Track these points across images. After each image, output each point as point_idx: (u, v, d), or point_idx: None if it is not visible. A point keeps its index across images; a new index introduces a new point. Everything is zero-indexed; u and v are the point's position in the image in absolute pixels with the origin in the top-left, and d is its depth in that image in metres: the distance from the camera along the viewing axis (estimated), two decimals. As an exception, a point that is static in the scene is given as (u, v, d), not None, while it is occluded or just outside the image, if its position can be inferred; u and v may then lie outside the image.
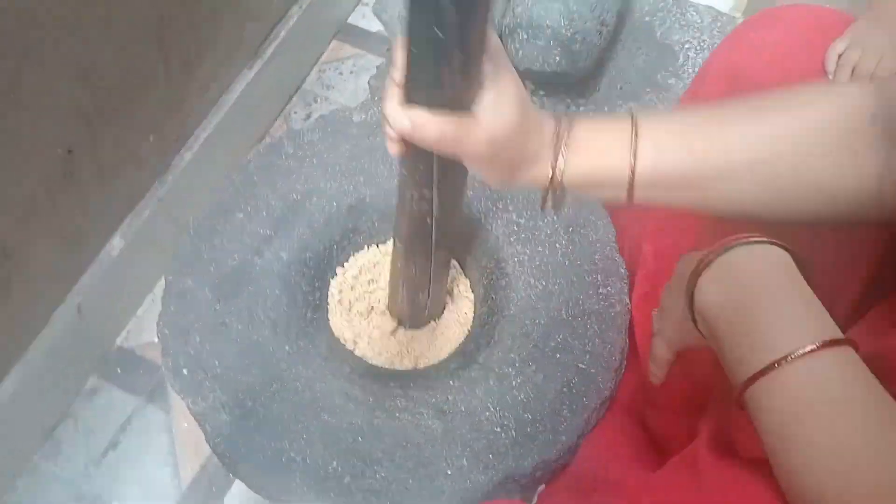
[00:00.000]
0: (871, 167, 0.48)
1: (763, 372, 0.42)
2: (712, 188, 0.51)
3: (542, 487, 0.72)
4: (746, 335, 0.45)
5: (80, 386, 0.97)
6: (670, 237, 0.71)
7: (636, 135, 0.50)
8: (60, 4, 0.73)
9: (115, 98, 0.85)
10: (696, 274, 0.49)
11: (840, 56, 0.65)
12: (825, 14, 0.68)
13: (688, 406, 0.67)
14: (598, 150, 0.51)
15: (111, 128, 0.87)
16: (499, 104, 0.47)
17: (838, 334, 0.43)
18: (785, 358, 0.42)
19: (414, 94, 0.47)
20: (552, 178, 0.51)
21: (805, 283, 0.46)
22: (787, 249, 0.47)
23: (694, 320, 0.50)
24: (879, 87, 0.48)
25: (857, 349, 0.43)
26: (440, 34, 0.42)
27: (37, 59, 0.73)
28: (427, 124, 0.47)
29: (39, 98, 0.75)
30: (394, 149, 0.52)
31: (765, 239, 0.47)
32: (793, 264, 0.47)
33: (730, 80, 0.67)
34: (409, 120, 0.47)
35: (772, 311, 0.44)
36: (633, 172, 0.50)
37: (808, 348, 0.41)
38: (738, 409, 0.45)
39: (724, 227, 0.51)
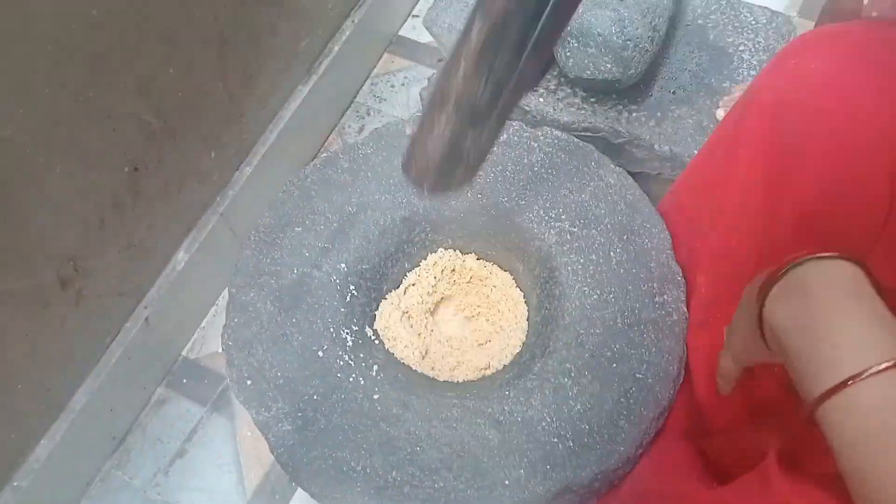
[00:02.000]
0: None
1: (835, 389, 0.42)
2: None
3: None
4: (818, 351, 0.44)
5: (148, 396, 1.00)
6: (724, 267, 0.70)
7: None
8: (125, 19, 0.76)
9: (178, 114, 0.88)
10: (767, 288, 0.48)
11: None
12: (875, 38, 0.63)
13: (748, 427, 0.66)
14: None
15: (175, 144, 0.90)
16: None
17: None
18: (858, 375, 0.41)
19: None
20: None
21: (878, 297, 0.45)
22: (858, 264, 0.46)
23: (763, 336, 0.50)
24: None
25: None
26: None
27: (102, 75, 0.76)
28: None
29: (105, 114, 0.78)
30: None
31: (836, 254, 0.47)
32: (864, 279, 0.46)
33: (775, 113, 0.64)
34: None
35: (844, 327, 0.44)
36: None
37: (883, 366, 0.41)
38: (808, 426, 0.44)
39: (778, 256, 0.51)
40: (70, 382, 0.89)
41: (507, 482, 0.65)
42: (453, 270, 0.84)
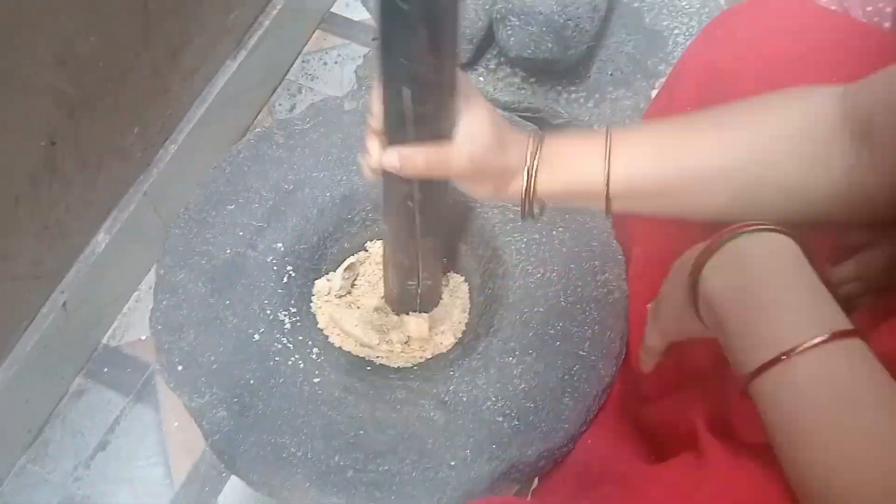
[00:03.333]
0: (841, 169, 0.48)
1: (770, 364, 0.42)
2: (685, 197, 0.53)
3: (535, 484, 0.71)
4: (752, 325, 0.44)
5: (66, 386, 0.95)
6: (657, 239, 0.71)
7: (609, 147, 0.53)
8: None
9: (99, 87, 0.83)
10: (701, 261, 0.48)
11: None
12: (802, 7, 0.67)
13: (680, 395, 0.66)
14: (572, 164, 0.55)
15: (95, 118, 0.85)
16: (474, 127, 0.53)
17: (847, 325, 0.42)
18: (793, 350, 0.41)
19: (395, 135, 0.54)
20: (527, 190, 0.55)
21: (812, 271, 0.45)
22: (792, 237, 0.46)
23: (696, 308, 0.49)
24: (846, 92, 0.49)
25: (865, 340, 0.42)
26: (412, 76, 0.48)
27: (14, 43, 0.70)
28: (415, 156, 0.53)
29: (19, 85, 0.73)
30: (373, 177, 0.58)
31: (771, 226, 0.47)
32: (800, 252, 0.46)
33: (705, 78, 0.67)
34: (397, 156, 0.53)
35: (779, 300, 0.44)
36: (608, 184, 0.53)
37: (817, 340, 0.41)
38: (741, 398, 0.45)
39: (712, 229, 0.52)
40: (-19, 372, 0.83)
41: (452, 463, 0.63)
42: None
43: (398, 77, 0.49)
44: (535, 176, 0.55)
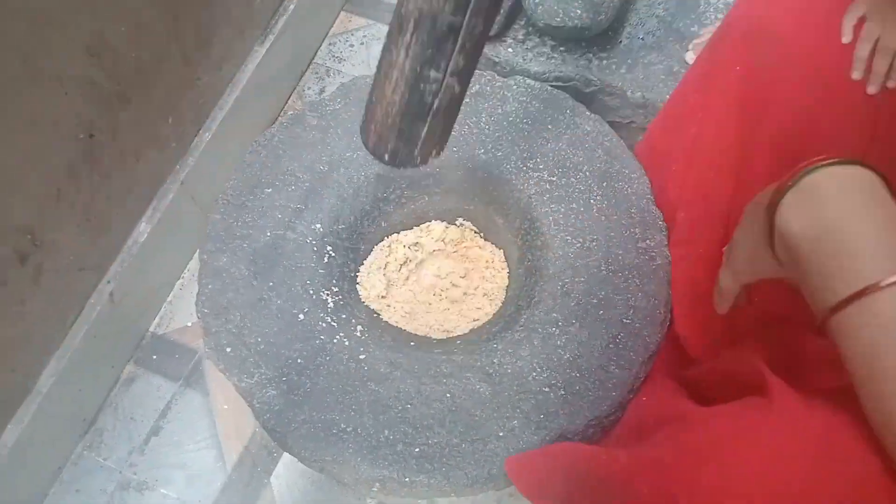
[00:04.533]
0: None
1: (851, 298, 0.41)
2: None
3: None
4: (833, 259, 0.43)
5: (117, 374, 0.97)
6: (701, 203, 0.70)
7: None
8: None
9: (132, 78, 0.84)
10: (777, 198, 0.47)
11: (858, 25, 0.61)
12: None
13: (738, 348, 0.65)
14: None
15: (130, 109, 0.85)
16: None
17: None
18: (876, 284, 0.40)
19: None
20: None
21: (893, 203, 0.44)
22: (873, 170, 0.45)
23: (772, 248, 0.48)
24: None
25: None
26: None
27: (48, 37, 0.71)
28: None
29: (55, 78, 0.74)
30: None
31: (849, 159, 0.45)
32: (881, 185, 0.44)
33: (752, 37, 0.65)
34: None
35: (860, 234, 0.43)
36: None
37: None
38: (819, 336, 0.44)
39: (755, 189, 0.50)
40: (35, 363, 0.85)
41: (501, 434, 0.64)
42: (430, 231, 0.82)
43: None
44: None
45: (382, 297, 0.77)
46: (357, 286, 0.76)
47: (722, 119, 0.68)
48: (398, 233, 0.81)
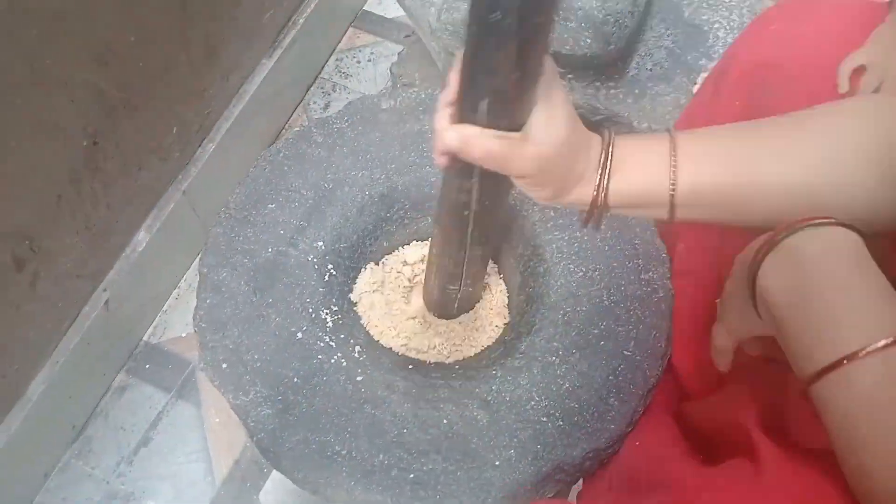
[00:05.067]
0: None
1: (832, 367, 0.41)
2: (749, 206, 0.51)
3: (578, 486, 0.71)
4: (813, 326, 0.43)
5: (109, 382, 0.96)
6: (701, 235, 0.70)
7: (675, 155, 0.50)
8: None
9: (138, 87, 0.84)
10: (759, 258, 0.47)
11: (855, 76, 0.60)
12: (856, 5, 0.65)
13: (728, 393, 0.65)
14: (640, 171, 0.51)
15: (135, 118, 0.85)
16: (549, 124, 0.47)
17: None
18: (855, 354, 0.40)
19: (466, 114, 0.48)
20: (596, 198, 0.51)
21: (877, 268, 0.43)
22: (857, 231, 0.45)
23: (756, 307, 0.48)
24: None
25: None
26: (500, 56, 0.43)
27: (56, 43, 0.71)
28: (475, 140, 0.48)
29: (61, 84, 0.74)
30: (441, 161, 0.52)
31: (833, 220, 0.45)
32: (863, 247, 0.44)
33: (754, 74, 0.65)
34: (458, 135, 0.48)
35: (841, 300, 0.42)
36: (673, 192, 0.50)
37: (882, 343, 0.39)
38: (802, 400, 0.44)
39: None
40: (26, 369, 0.84)
41: (497, 463, 0.63)
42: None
43: (485, 44, 0.44)
44: (608, 183, 0.51)
45: (384, 316, 0.77)
46: (355, 308, 0.76)
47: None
48: (398, 249, 0.81)
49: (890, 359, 0.40)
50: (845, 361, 0.40)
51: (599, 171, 0.51)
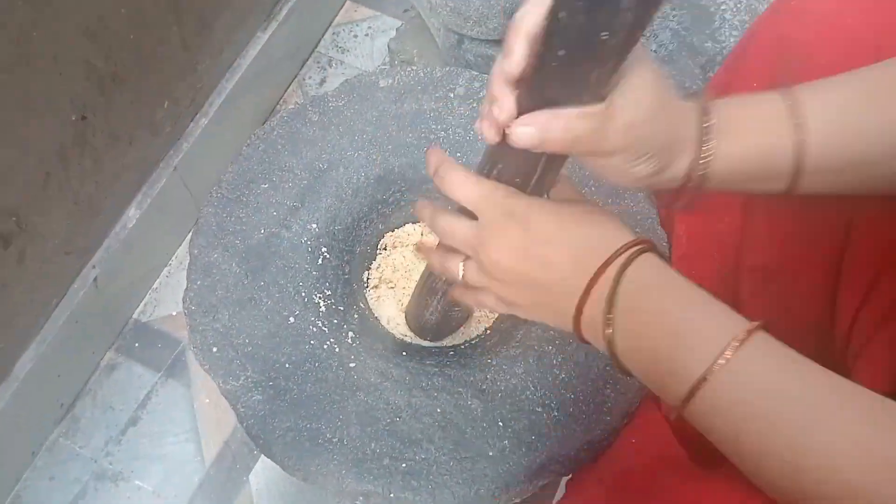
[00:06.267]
0: None
1: (688, 397, 0.41)
2: (885, 167, 0.45)
3: (561, 486, 0.70)
4: (658, 367, 0.43)
5: (97, 361, 0.94)
6: (700, 221, 0.69)
7: (796, 113, 0.45)
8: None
9: (129, 60, 0.82)
10: (608, 328, 0.45)
11: None
12: None
13: None
14: (754, 134, 0.46)
15: (125, 92, 0.83)
16: (637, 90, 0.42)
17: (743, 322, 0.41)
18: (701, 379, 0.40)
19: (539, 92, 0.42)
20: (699, 166, 0.45)
21: (683, 279, 0.44)
22: (651, 249, 0.45)
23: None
24: None
25: (766, 329, 0.41)
26: (607, 35, 0.36)
27: (44, 16, 0.69)
28: (555, 125, 0.42)
29: (49, 59, 0.71)
30: (491, 136, 0.45)
31: (631, 249, 0.44)
32: (664, 265, 0.44)
33: (777, 51, 0.63)
34: (534, 129, 0.42)
35: (667, 337, 0.42)
36: (801, 159, 0.45)
37: (722, 361, 0.40)
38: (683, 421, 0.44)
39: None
40: (13, 347, 0.82)
41: (490, 453, 0.62)
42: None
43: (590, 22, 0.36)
44: (713, 149, 0.45)
45: (381, 300, 0.76)
46: (357, 289, 0.74)
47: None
48: (398, 228, 0.79)
49: (739, 365, 0.40)
50: (695, 389, 0.40)
51: (701, 133, 0.45)
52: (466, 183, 0.48)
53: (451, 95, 0.79)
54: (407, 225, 0.79)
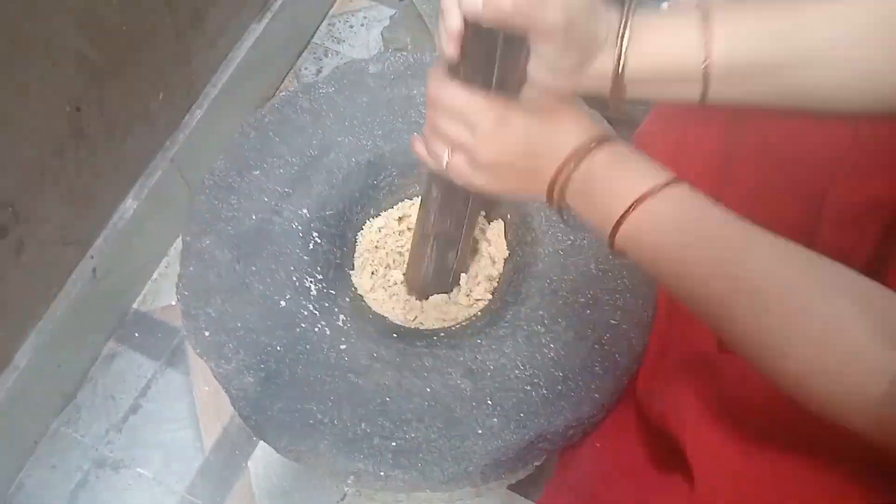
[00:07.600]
0: None
1: (620, 221, 0.46)
2: (791, 76, 0.47)
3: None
4: (602, 198, 0.48)
5: (98, 350, 0.96)
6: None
7: (707, 20, 0.46)
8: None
9: (123, 51, 0.82)
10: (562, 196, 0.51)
11: None
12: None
13: (670, 386, 0.64)
14: (668, 35, 0.47)
15: (120, 83, 0.84)
16: None
17: (673, 176, 0.46)
18: (644, 195, 0.45)
19: None
20: (617, 64, 0.47)
21: (627, 149, 0.49)
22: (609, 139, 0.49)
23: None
24: None
25: (692, 186, 0.46)
26: None
27: (37, 8, 0.70)
28: None
29: (42, 50, 0.72)
30: (451, 48, 0.47)
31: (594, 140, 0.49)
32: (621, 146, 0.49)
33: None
34: None
35: (612, 176, 0.48)
36: (707, 62, 0.46)
37: (645, 198, 0.46)
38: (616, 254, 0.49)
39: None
40: (14, 337, 0.84)
41: (479, 431, 0.63)
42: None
43: None
44: (626, 48, 0.46)
45: (371, 284, 0.76)
46: (348, 273, 0.75)
47: (709, 122, 0.67)
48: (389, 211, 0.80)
49: (665, 196, 0.45)
50: (640, 201, 0.46)
51: (620, 35, 0.47)
52: (462, 94, 0.51)
53: (441, 80, 0.79)
54: (397, 208, 0.79)
